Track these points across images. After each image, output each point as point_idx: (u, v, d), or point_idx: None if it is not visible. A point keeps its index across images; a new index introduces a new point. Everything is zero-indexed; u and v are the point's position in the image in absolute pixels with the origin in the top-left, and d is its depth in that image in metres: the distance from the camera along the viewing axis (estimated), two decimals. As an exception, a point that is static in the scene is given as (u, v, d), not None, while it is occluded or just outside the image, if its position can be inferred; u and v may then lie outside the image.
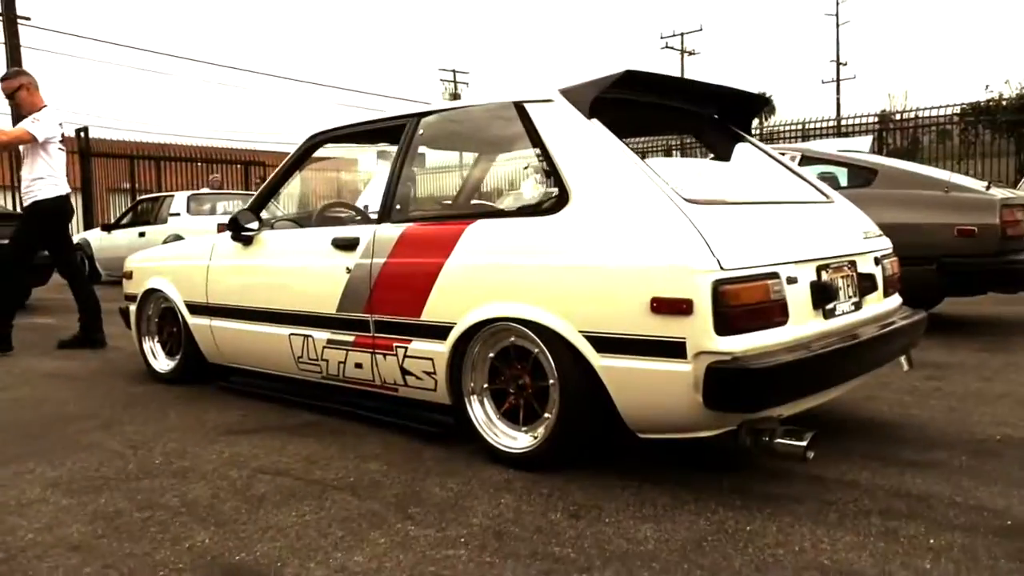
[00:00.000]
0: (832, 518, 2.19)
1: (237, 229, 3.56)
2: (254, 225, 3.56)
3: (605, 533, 2.12)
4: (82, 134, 15.88)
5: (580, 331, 2.44)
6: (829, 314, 2.59)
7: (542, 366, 2.58)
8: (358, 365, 3.13)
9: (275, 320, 3.45)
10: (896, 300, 3.13)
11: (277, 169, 3.73)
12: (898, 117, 17.23)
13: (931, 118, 14.93)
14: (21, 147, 5.22)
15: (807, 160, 5.92)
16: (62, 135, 5.30)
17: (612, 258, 2.38)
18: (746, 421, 2.33)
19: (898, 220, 5.20)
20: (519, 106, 2.80)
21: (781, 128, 17.48)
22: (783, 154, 5.88)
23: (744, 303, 2.26)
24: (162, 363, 4.24)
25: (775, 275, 2.36)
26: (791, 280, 2.42)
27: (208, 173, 17.68)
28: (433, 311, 2.82)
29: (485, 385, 2.77)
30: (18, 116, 5.42)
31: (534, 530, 2.14)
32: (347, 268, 3.11)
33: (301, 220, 3.81)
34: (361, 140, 3.68)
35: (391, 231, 3.01)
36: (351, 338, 3.13)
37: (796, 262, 2.47)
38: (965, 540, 2.03)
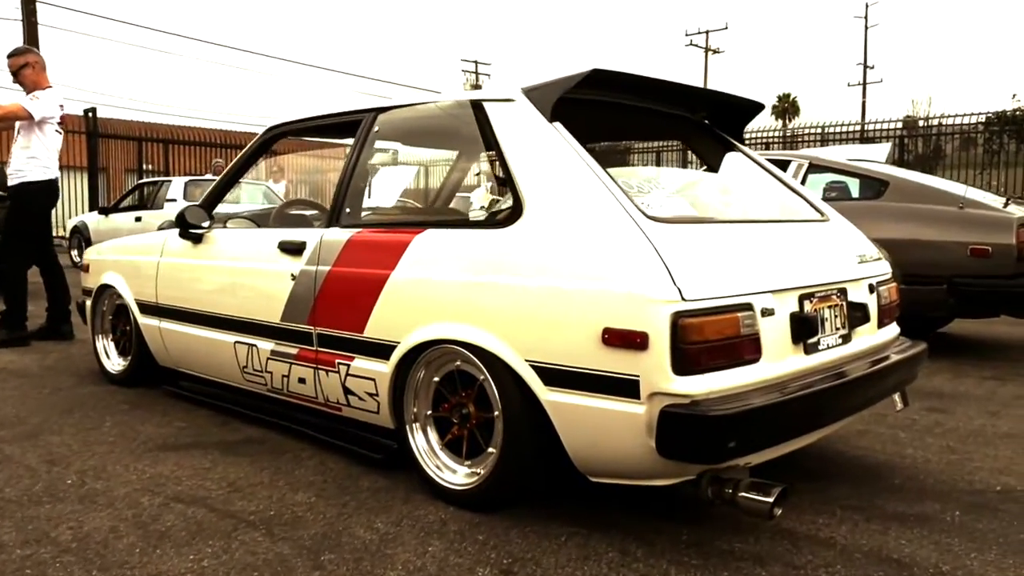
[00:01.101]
0: (797, 588, 1.92)
1: (184, 226, 3.32)
2: (204, 223, 3.32)
3: (535, 597, 1.86)
4: (90, 114, 15.71)
5: (527, 360, 2.17)
6: (811, 349, 2.30)
7: (488, 395, 2.32)
8: (301, 380, 2.89)
9: (220, 326, 3.21)
10: (892, 331, 2.83)
11: (232, 163, 3.49)
12: (923, 123, 16.77)
13: (955, 126, 14.48)
14: (16, 124, 5.02)
15: (815, 168, 5.61)
16: (61, 118, 5.09)
17: (562, 281, 2.11)
18: (708, 471, 2.07)
19: (908, 236, 4.92)
20: (477, 105, 2.53)
21: (801, 131, 17.08)
22: (785, 164, 5.59)
23: (708, 338, 1.98)
24: (114, 363, 4.02)
25: (748, 307, 2.08)
26: (767, 312, 2.14)
27: (216, 157, 17.45)
28: (376, 327, 2.57)
29: (429, 412, 2.52)
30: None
31: (455, 590, 1.89)
32: (292, 275, 2.86)
33: (259, 219, 3.57)
34: (320, 134, 3.43)
35: (338, 236, 2.76)
36: (295, 351, 2.88)
37: (774, 291, 2.19)
38: (947, 627, 1.76)
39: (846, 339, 2.48)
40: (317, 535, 2.18)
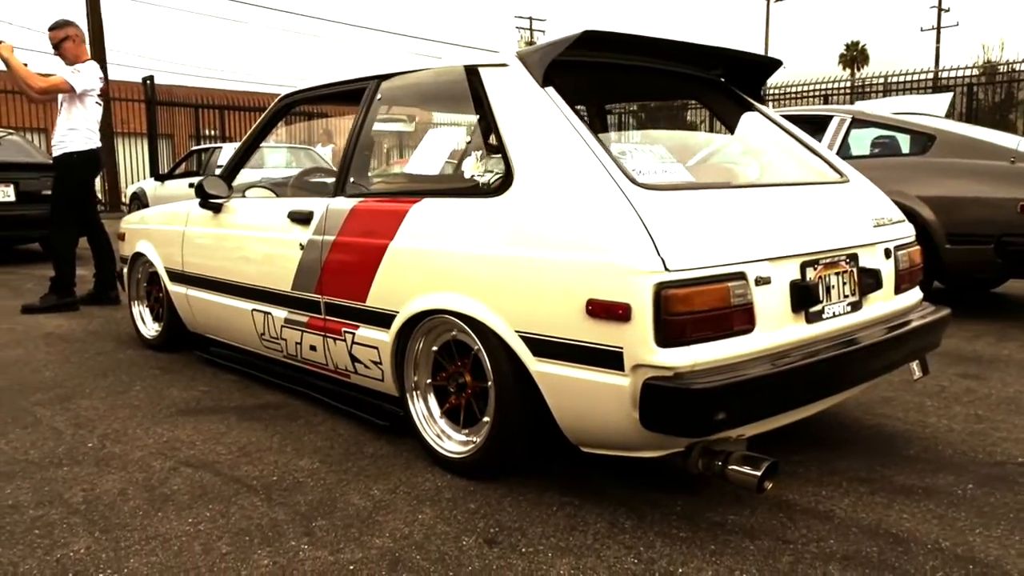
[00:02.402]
0: (783, 564, 1.89)
1: (204, 196, 3.39)
2: (222, 192, 3.38)
3: (514, 568, 1.87)
4: (148, 82, 16.11)
5: (516, 331, 2.16)
6: (813, 318, 2.23)
7: (482, 365, 2.33)
8: (312, 347, 2.94)
9: (238, 294, 3.29)
10: (913, 296, 2.72)
11: (249, 133, 3.53)
12: (1003, 70, 15.91)
13: (1030, 71, 13.69)
14: (59, 96, 5.18)
15: (858, 123, 5.38)
16: (101, 90, 5.24)
17: (548, 251, 2.08)
18: (698, 443, 2.03)
19: (953, 193, 4.70)
20: (472, 70, 2.49)
21: (865, 81, 16.41)
22: (827, 120, 5.37)
23: (694, 309, 1.93)
24: (149, 328, 4.16)
25: (740, 276, 2.02)
26: (762, 281, 2.07)
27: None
28: (378, 297, 2.59)
29: (428, 381, 2.54)
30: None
31: (436, 559, 1.91)
32: (300, 244, 2.90)
33: (277, 188, 3.61)
34: (332, 101, 3.43)
35: (343, 205, 2.77)
36: (305, 319, 2.93)
37: (772, 259, 2.12)
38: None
39: (856, 307, 2.39)
40: (313, 501, 2.23)
